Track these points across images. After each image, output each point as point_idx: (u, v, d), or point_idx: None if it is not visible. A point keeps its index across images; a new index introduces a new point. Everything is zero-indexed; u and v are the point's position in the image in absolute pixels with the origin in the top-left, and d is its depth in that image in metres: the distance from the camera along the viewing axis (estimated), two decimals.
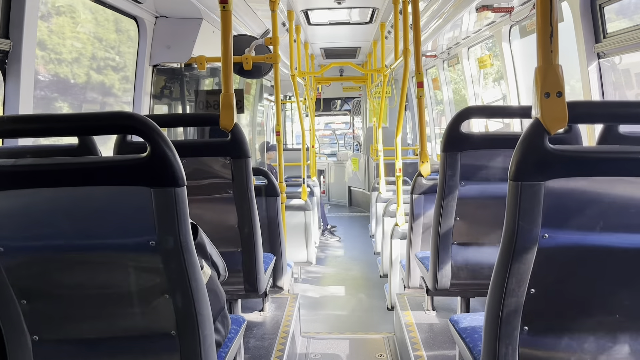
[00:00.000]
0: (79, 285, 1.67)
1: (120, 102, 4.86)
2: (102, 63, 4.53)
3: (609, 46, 3.45)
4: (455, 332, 2.19)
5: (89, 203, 1.59)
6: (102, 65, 4.54)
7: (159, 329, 1.69)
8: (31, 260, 1.63)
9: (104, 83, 4.56)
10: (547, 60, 1.47)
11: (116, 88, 4.74)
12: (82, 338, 1.73)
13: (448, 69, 8.08)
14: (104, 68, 4.56)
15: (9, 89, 2.82)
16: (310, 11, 6.32)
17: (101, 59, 4.52)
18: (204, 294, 1.69)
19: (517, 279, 1.57)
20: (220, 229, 2.82)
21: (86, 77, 4.36)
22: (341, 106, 14.21)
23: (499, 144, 2.66)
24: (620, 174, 1.49)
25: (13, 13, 2.79)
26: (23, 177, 1.55)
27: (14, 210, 1.59)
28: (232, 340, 2.15)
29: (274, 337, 3.44)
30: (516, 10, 4.73)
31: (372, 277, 6.94)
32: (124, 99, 4.77)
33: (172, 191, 1.52)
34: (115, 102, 4.82)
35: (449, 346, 3.19)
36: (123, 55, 4.69)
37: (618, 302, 1.60)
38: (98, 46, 4.47)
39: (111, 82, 4.65)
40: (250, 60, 4.33)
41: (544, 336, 1.64)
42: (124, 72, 4.68)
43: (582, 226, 1.53)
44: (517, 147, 1.49)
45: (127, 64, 4.63)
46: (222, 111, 2.67)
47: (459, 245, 2.85)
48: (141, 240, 1.58)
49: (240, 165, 2.70)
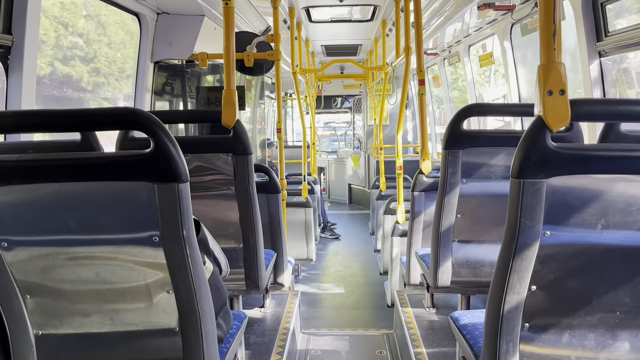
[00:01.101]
0: (82, 280, 1.67)
1: (98, 99, 4.46)
2: (68, 53, 4.06)
3: (611, 44, 3.45)
4: (456, 329, 2.19)
5: (92, 198, 1.59)
6: (69, 56, 4.07)
7: (161, 324, 1.70)
8: (34, 255, 1.64)
9: (70, 76, 4.04)
10: (550, 58, 1.48)
11: (85, 82, 4.20)
12: (85, 332, 1.73)
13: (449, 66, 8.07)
14: (70, 59, 4.11)
15: (11, 84, 2.83)
16: (312, 8, 6.31)
17: (67, 48, 4.03)
18: (206, 289, 1.70)
19: (519, 275, 1.58)
20: (221, 225, 2.83)
21: (50, 68, 3.82)
22: (342, 103, 14.19)
23: (501, 141, 2.66)
24: (621, 172, 1.49)
25: (16, 8, 2.79)
26: (27, 171, 1.55)
27: (18, 205, 1.59)
28: (233, 336, 2.16)
29: (274, 333, 3.45)
30: (517, 8, 4.72)
31: (372, 274, 6.95)
32: (102, 95, 4.45)
33: (175, 187, 1.53)
34: (91, 97, 4.37)
35: (449, 343, 3.20)
36: (92, 44, 4.32)
37: (619, 299, 1.60)
38: (63, 33, 3.95)
39: (79, 74, 4.13)
40: (252, 57, 4.33)
41: (545, 333, 1.65)
42: (94, 64, 4.28)
43: (583, 223, 1.53)
44: (520, 144, 1.50)
45: (96, 55, 4.27)
46: (224, 108, 2.67)
47: (460, 242, 2.85)
48: (144, 236, 1.59)
49: (242, 162, 2.71)
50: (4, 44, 2.75)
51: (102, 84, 4.37)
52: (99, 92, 4.48)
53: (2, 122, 1.55)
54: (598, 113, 1.54)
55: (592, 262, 1.59)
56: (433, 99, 9.53)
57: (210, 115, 3.07)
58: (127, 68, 4.58)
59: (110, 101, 4.50)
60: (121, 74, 4.71)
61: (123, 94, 4.72)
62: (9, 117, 1.54)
